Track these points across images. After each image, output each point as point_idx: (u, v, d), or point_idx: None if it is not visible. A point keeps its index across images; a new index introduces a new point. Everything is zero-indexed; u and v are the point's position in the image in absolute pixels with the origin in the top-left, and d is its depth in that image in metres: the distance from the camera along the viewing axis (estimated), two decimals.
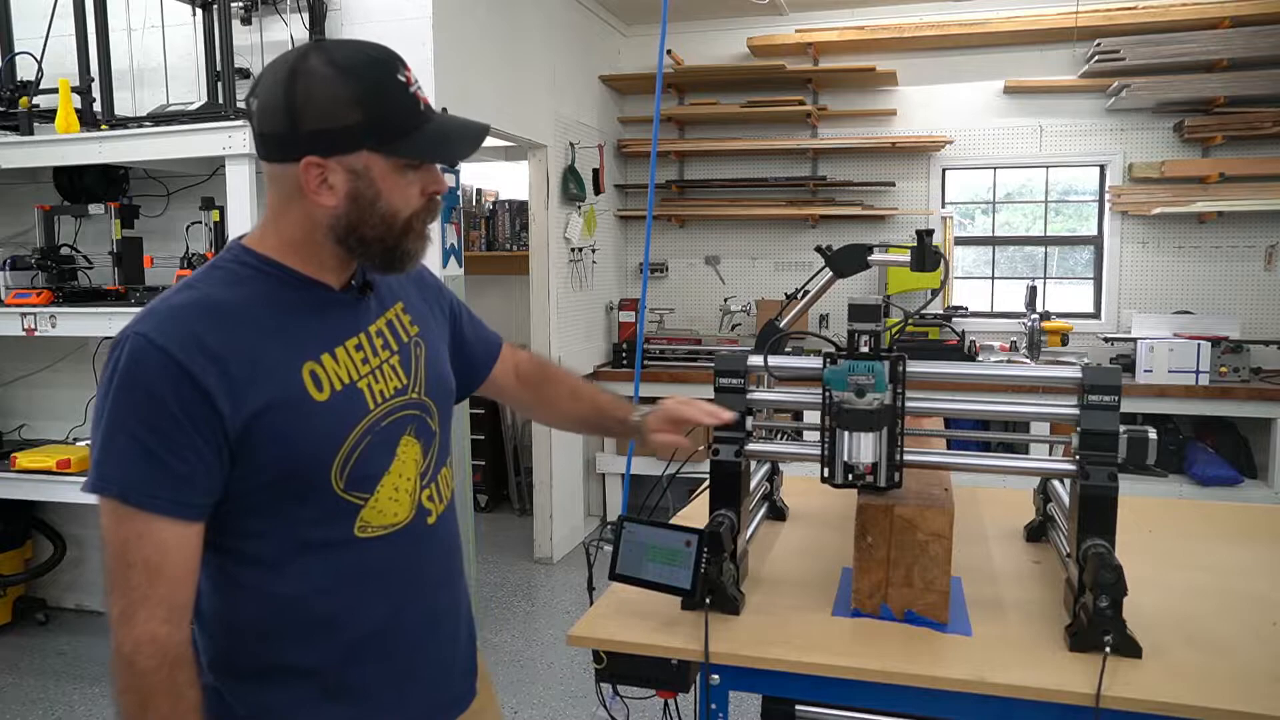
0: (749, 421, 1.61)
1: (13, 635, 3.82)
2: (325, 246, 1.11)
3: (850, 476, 1.48)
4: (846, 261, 2.24)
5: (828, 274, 2.28)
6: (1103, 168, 5.01)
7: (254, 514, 1.09)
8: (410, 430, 1.19)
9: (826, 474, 1.51)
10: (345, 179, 1.06)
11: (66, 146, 3.17)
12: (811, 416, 1.58)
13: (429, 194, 1.12)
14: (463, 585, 1.33)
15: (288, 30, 3.33)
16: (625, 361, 5.13)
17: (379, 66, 1.07)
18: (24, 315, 3.21)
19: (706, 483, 1.62)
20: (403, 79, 1.08)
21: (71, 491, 3.22)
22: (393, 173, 1.08)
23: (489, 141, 1.27)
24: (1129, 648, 1.31)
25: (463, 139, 1.15)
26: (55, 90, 3.19)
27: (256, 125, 1.08)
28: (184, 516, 1.03)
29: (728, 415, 1.53)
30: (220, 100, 3.10)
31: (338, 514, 1.12)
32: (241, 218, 2.97)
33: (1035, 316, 3.45)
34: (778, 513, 2.02)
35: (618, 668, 1.42)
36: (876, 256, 2.23)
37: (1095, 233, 5.09)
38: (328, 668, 1.14)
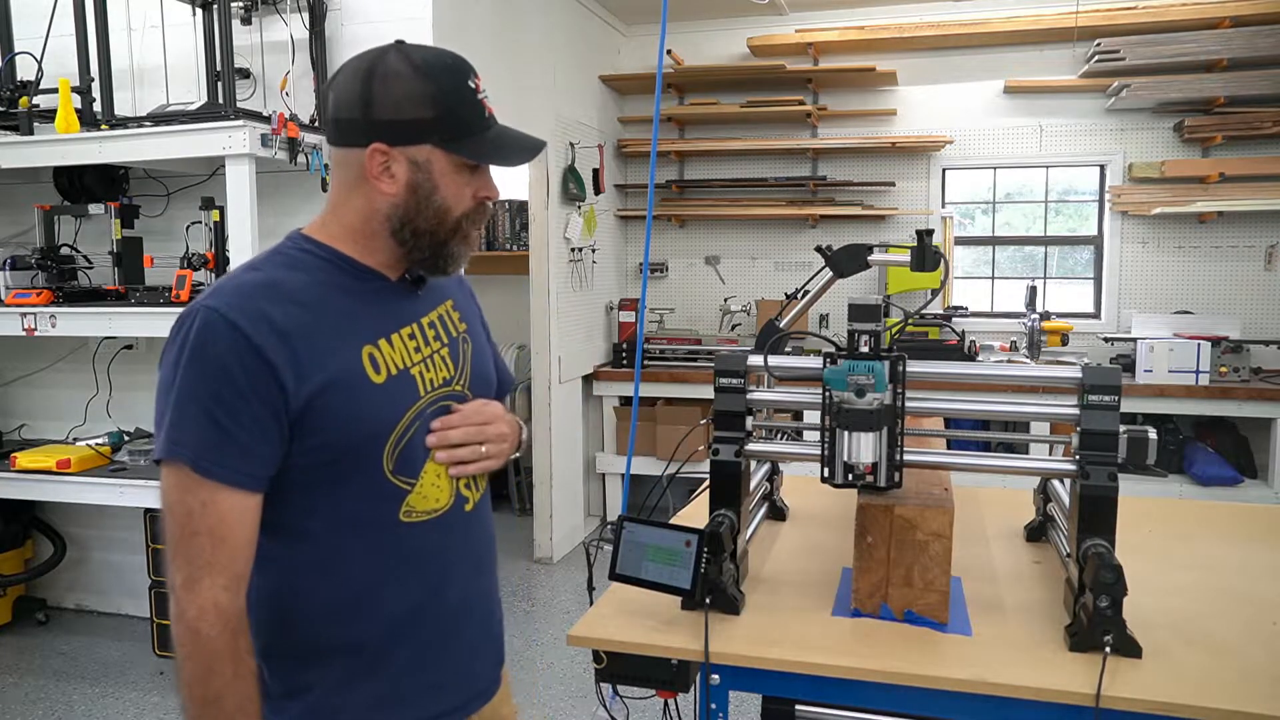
0: (749, 421, 1.61)
1: (13, 635, 3.82)
2: (381, 237, 1.17)
3: (850, 476, 1.48)
4: (846, 261, 2.24)
5: (828, 274, 2.28)
6: (1103, 168, 5.01)
7: (305, 490, 1.12)
8: None
9: (826, 474, 1.51)
10: (407, 169, 1.13)
11: (66, 146, 3.16)
12: (811, 416, 1.58)
13: (480, 198, 1.19)
14: (496, 574, 1.37)
15: (288, 30, 3.33)
16: (625, 361, 5.13)
17: (455, 71, 1.15)
18: (24, 315, 3.21)
19: (706, 483, 1.62)
20: (473, 85, 1.16)
21: (71, 491, 3.21)
22: (451, 170, 1.15)
23: None
24: (1129, 648, 1.31)
25: (521, 148, 1.21)
26: (55, 90, 3.18)
27: (330, 112, 1.15)
28: (247, 487, 1.07)
29: None
30: (220, 100, 3.10)
31: (385, 497, 1.16)
32: (241, 218, 2.97)
33: (1035, 316, 3.44)
34: (778, 513, 2.02)
35: (618, 668, 1.43)
36: (876, 256, 2.23)
37: (1095, 233, 5.09)
38: (364, 646, 1.18)
